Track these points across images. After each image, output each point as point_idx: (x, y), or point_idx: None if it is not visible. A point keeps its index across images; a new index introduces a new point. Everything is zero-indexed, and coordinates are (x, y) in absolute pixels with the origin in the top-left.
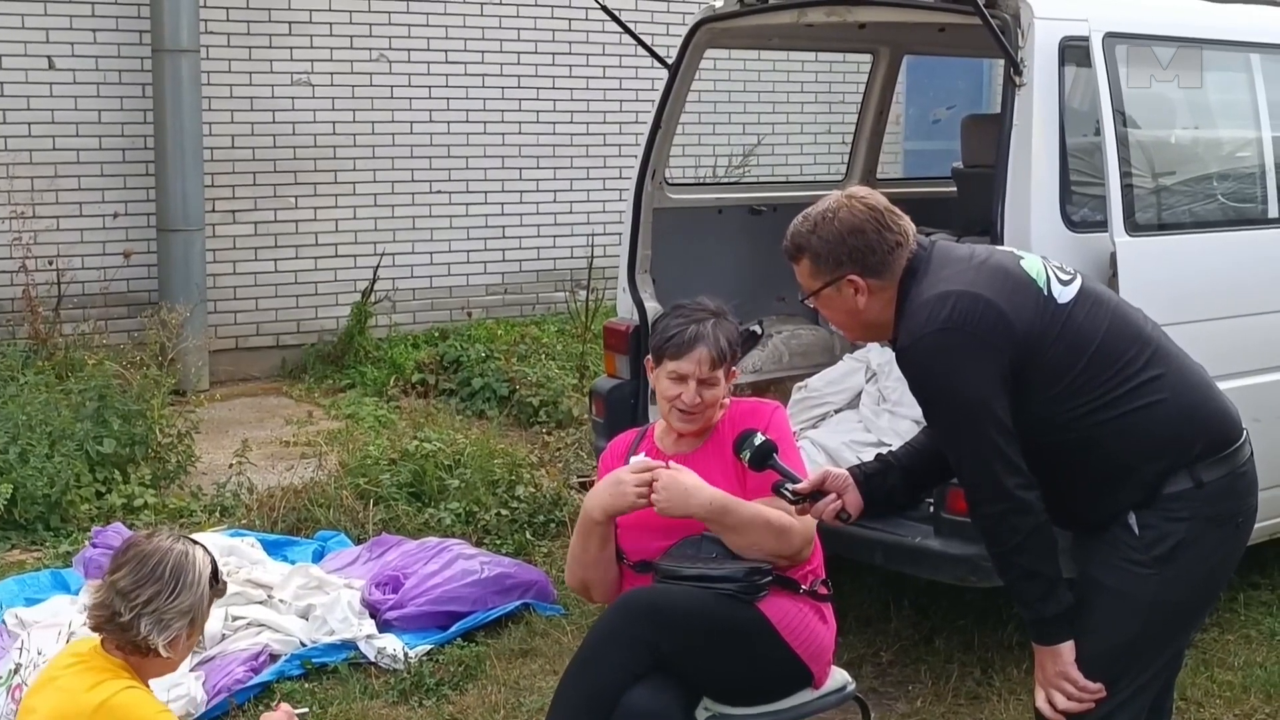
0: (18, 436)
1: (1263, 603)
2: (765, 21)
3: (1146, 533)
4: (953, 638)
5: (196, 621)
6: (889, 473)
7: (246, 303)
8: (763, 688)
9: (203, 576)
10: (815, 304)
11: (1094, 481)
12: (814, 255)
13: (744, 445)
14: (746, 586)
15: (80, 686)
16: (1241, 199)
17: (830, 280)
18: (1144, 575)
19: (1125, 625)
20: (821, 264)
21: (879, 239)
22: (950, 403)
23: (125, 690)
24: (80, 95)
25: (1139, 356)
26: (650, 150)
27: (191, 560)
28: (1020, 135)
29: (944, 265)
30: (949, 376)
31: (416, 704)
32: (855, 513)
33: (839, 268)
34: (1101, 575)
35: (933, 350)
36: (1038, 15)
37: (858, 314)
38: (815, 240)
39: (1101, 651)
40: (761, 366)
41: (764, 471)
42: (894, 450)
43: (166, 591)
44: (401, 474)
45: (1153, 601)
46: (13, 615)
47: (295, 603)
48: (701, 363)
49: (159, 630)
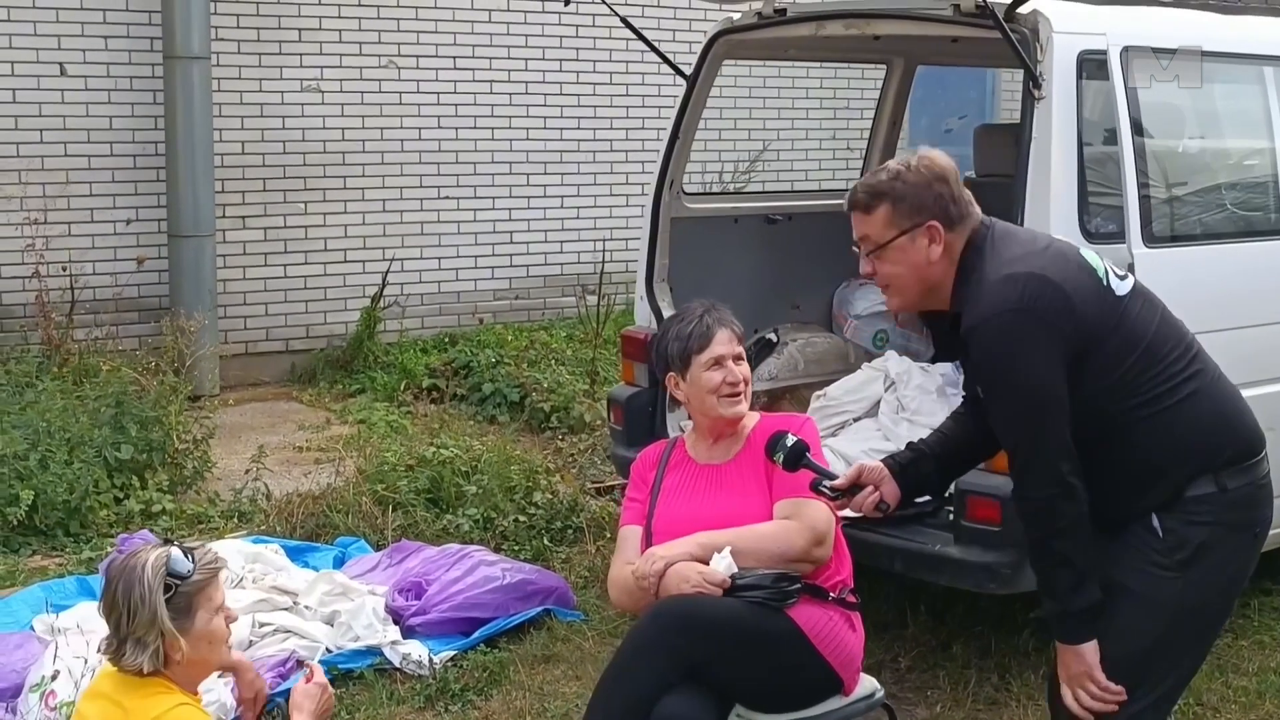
0: (37, 443)
1: (1275, 608)
2: (783, 34)
3: (1170, 536)
4: (970, 644)
5: (168, 630)
6: (922, 461)
7: (256, 308)
8: (794, 695)
9: (151, 588)
10: (875, 264)
11: (1125, 477)
12: (896, 200)
13: (777, 448)
14: (775, 594)
15: (131, 701)
16: (1257, 210)
17: (909, 228)
18: (1168, 578)
19: (1148, 629)
20: (902, 209)
21: (960, 191)
22: (1015, 386)
23: (179, 707)
24: (92, 102)
25: (1182, 358)
26: (668, 160)
27: (138, 574)
28: (1039, 147)
29: (1009, 246)
30: (1015, 359)
31: (443, 709)
32: (893, 503)
33: (920, 213)
34: (1125, 579)
35: (1001, 332)
36: (1056, 29)
37: (925, 269)
38: (899, 185)
39: (1124, 655)
40: (777, 374)
41: (798, 471)
42: (925, 439)
43: (126, 615)
44: (419, 480)
45: (1176, 605)
46: (41, 622)
47: (320, 609)
48: (730, 340)
49: (139, 650)
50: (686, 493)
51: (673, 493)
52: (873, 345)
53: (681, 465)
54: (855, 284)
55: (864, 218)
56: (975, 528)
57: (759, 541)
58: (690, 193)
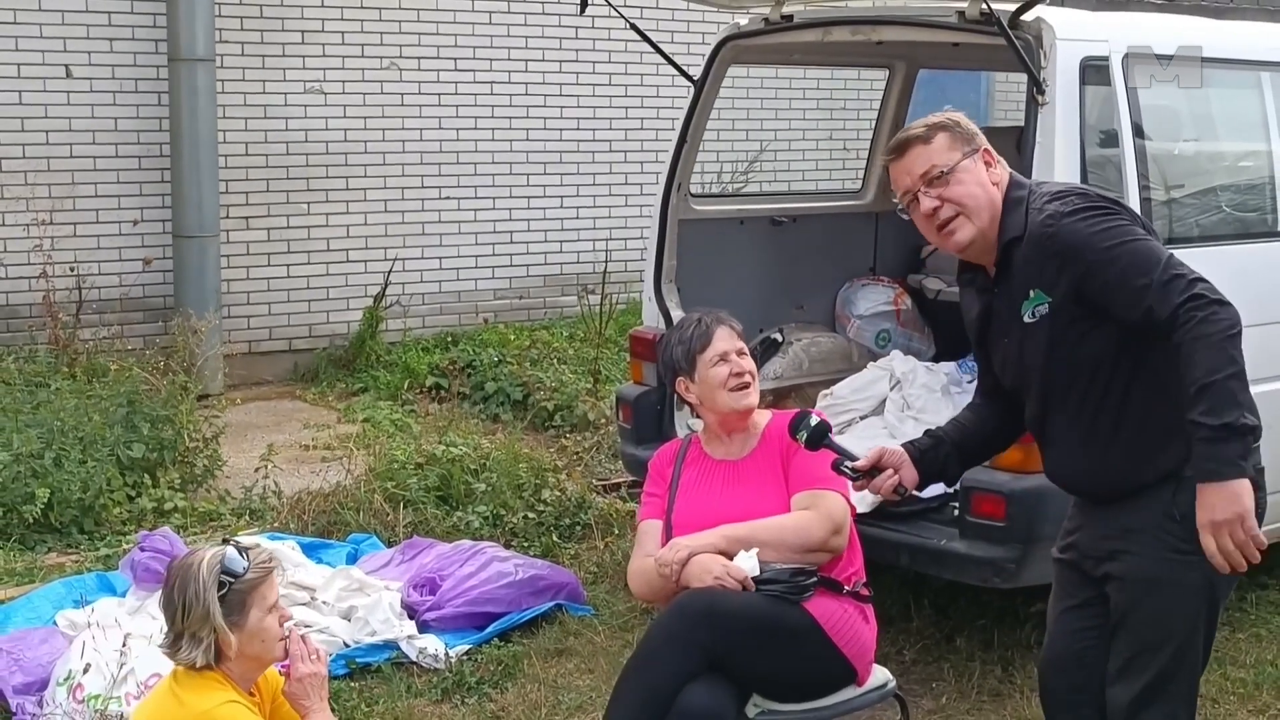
0: (51, 442)
1: (1271, 602)
2: (789, 39)
3: (1187, 521)
4: (973, 637)
5: (220, 626)
6: (940, 446)
7: (259, 308)
8: (810, 685)
9: (205, 586)
10: (944, 189)
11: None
12: (953, 128)
13: (800, 426)
14: (792, 587)
15: (187, 694)
16: (1255, 212)
17: (969, 151)
18: (1193, 562)
19: (1185, 615)
20: (959, 134)
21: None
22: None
23: (228, 704)
24: (97, 103)
25: None
26: (676, 164)
27: (194, 571)
28: (1043, 151)
29: (1049, 184)
30: (1102, 221)
31: (459, 702)
32: (911, 486)
33: (974, 139)
34: (1152, 571)
35: (1077, 215)
36: (1059, 36)
37: (991, 190)
38: (950, 120)
39: (1164, 644)
40: (782, 374)
41: (819, 450)
42: (942, 426)
43: (182, 611)
44: (429, 478)
45: (1201, 588)
46: (64, 618)
47: (338, 604)
48: (730, 336)
49: (193, 646)
50: (704, 487)
51: (691, 487)
52: (875, 345)
53: (698, 461)
54: (858, 284)
55: (923, 149)
56: (980, 523)
57: (779, 533)
58: (695, 195)
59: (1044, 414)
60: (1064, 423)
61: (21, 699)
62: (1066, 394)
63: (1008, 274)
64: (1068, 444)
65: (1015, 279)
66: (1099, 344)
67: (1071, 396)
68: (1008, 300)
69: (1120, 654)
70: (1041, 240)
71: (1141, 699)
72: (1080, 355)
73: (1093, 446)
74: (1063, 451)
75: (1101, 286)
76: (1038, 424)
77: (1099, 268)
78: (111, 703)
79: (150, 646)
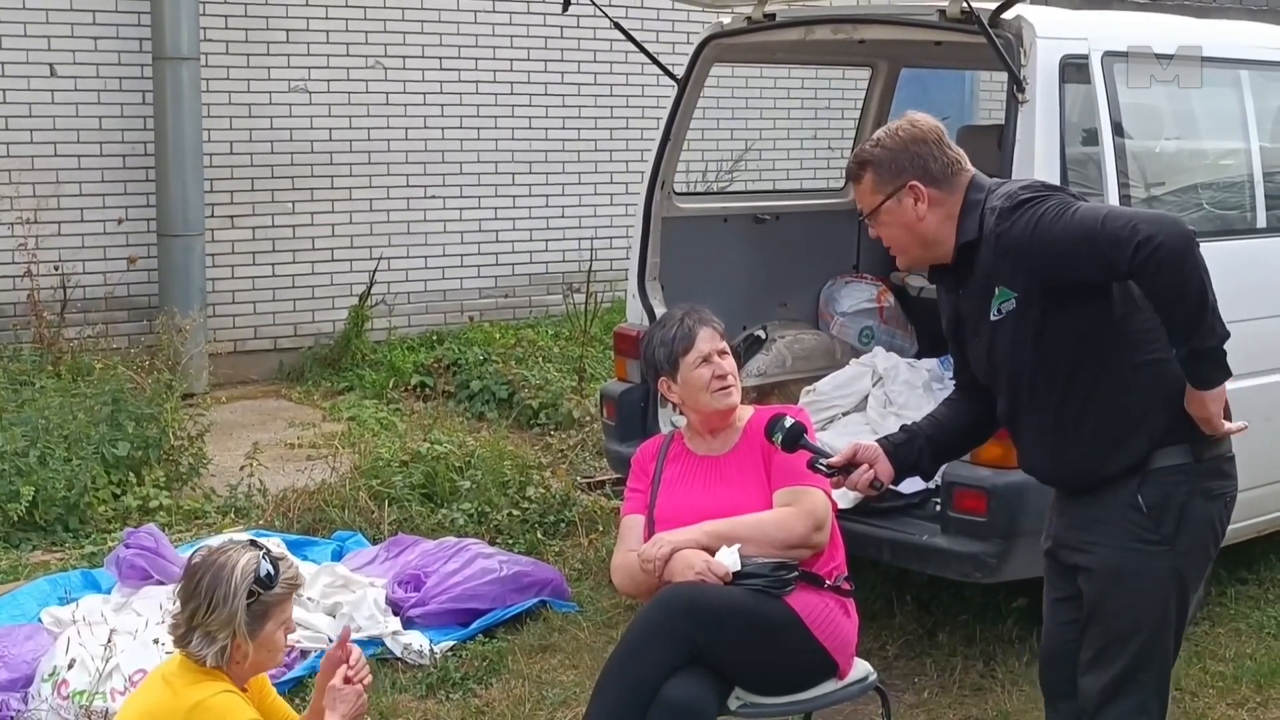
0: (36, 440)
1: (1250, 597)
2: (772, 38)
3: (1154, 511)
4: (955, 632)
5: (241, 631)
6: (914, 441)
7: (244, 307)
8: (791, 678)
9: (237, 590)
10: (875, 228)
11: (1112, 421)
12: (876, 166)
13: (775, 429)
14: (773, 581)
15: (181, 684)
16: (1235, 210)
17: (892, 191)
18: (1159, 552)
19: (1153, 606)
20: (883, 174)
21: (940, 150)
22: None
23: (222, 694)
24: (81, 102)
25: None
26: (659, 162)
27: (226, 573)
28: (1023, 149)
29: (1008, 183)
30: (1038, 208)
31: (444, 697)
32: (887, 480)
33: (900, 175)
34: (1115, 562)
35: (1017, 210)
36: (1040, 35)
37: (917, 227)
38: (878, 151)
39: (1133, 634)
40: (765, 370)
41: (796, 452)
42: (917, 421)
43: (205, 607)
44: (414, 475)
45: (1168, 577)
46: (49, 614)
47: (323, 601)
48: (712, 337)
49: (206, 643)
50: (687, 483)
51: (673, 483)
52: (859, 341)
53: (681, 457)
54: (841, 281)
55: (856, 187)
56: (962, 518)
57: (761, 529)
58: (679, 193)
59: (1014, 408)
60: (1032, 417)
61: (6, 695)
62: (1033, 388)
63: (970, 275)
64: (1037, 438)
65: (977, 279)
66: (1061, 337)
67: (1038, 391)
68: (974, 300)
69: (1091, 644)
70: (993, 240)
71: (1112, 688)
72: (1044, 349)
73: (1060, 440)
74: (1033, 445)
75: (1058, 265)
76: (1009, 418)
77: (1048, 251)
78: (96, 698)
79: (135, 642)
